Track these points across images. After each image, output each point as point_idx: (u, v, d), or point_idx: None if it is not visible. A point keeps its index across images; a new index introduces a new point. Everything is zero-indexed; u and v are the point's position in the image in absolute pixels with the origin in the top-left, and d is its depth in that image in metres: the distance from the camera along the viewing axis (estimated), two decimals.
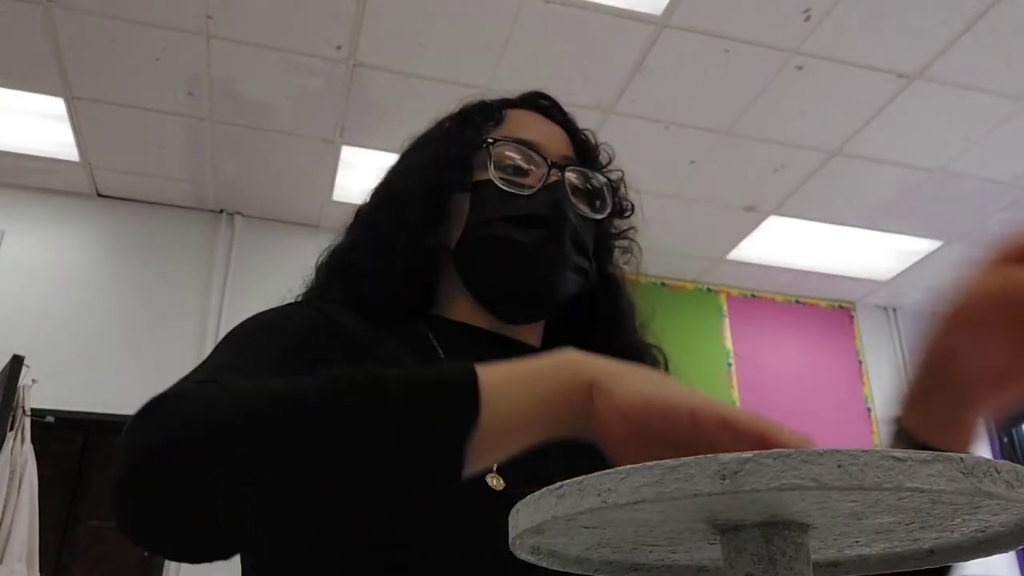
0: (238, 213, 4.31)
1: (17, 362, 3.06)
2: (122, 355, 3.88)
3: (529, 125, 0.86)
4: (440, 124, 0.90)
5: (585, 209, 0.84)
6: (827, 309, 5.00)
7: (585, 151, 0.90)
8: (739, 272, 4.71)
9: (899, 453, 0.29)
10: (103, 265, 4.11)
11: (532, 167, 0.82)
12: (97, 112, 3.58)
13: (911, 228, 4.28)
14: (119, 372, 3.81)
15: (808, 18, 3.03)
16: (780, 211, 4.17)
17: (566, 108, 0.92)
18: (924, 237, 4.35)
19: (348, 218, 0.87)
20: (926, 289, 4.80)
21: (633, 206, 0.94)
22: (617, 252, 0.92)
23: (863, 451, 0.29)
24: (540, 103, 0.91)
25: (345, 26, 3.11)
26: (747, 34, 3.12)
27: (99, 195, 4.20)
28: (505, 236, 0.79)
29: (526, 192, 0.80)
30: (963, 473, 0.29)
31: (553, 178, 0.81)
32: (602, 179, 0.87)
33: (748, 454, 0.29)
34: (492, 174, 0.81)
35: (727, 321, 4.78)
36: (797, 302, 4.96)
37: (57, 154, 3.86)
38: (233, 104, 3.53)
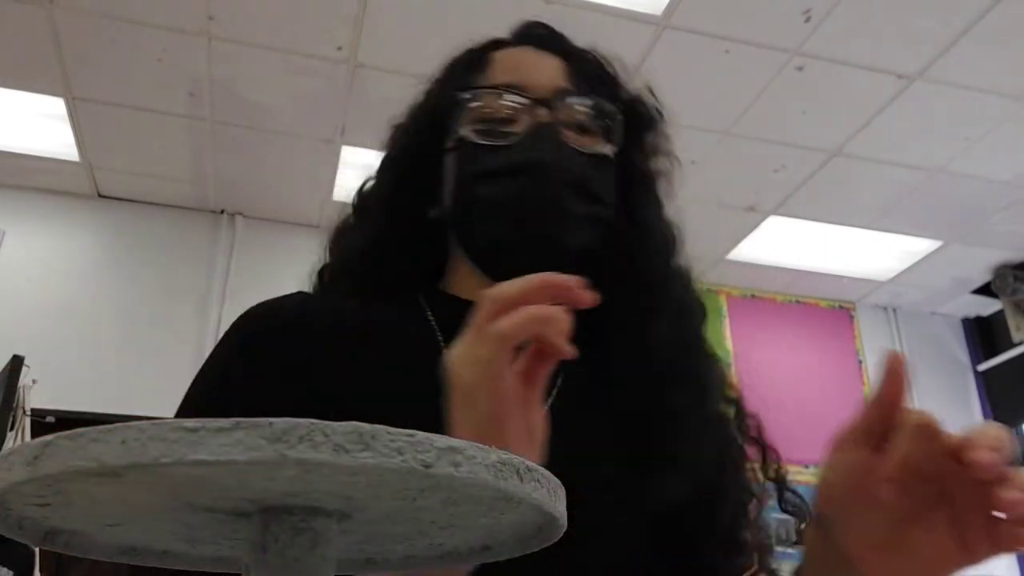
0: (238, 213, 4.31)
1: (17, 362, 3.05)
2: (122, 355, 3.88)
3: (514, 65, 0.77)
4: (428, 84, 0.82)
5: (589, 144, 0.72)
6: (827, 309, 4.99)
7: (590, 76, 0.78)
8: (739, 272, 4.70)
9: (193, 423, 0.25)
10: (103, 265, 4.11)
11: (515, 112, 0.72)
12: (97, 112, 3.58)
13: (911, 228, 4.28)
14: (119, 372, 3.81)
15: (808, 19, 3.03)
16: (780, 211, 4.17)
17: (566, 34, 0.82)
18: (924, 237, 4.35)
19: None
20: (926, 289, 4.81)
21: (661, 114, 0.80)
22: (658, 187, 0.79)
23: (155, 424, 0.25)
24: (533, 34, 0.82)
25: (346, 27, 3.11)
26: (747, 34, 3.12)
27: (99, 195, 4.20)
28: (485, 195, 0.70)
29: (509, 141, 0.71)
30: (267, 440, 0.25)
31: (540, 118, 0.71)
32: (608, 105, 0.75)
33: (49, 437, 0.27)
34: (465, 129, 0.73)
35: (727, 321, 4.78)
36: (797, 302, 4.96)
37: (57, 154, 3.86)
38: (234, 105, 3.52)
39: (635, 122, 0.78)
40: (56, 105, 3.52)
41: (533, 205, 0.69)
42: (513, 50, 0.80)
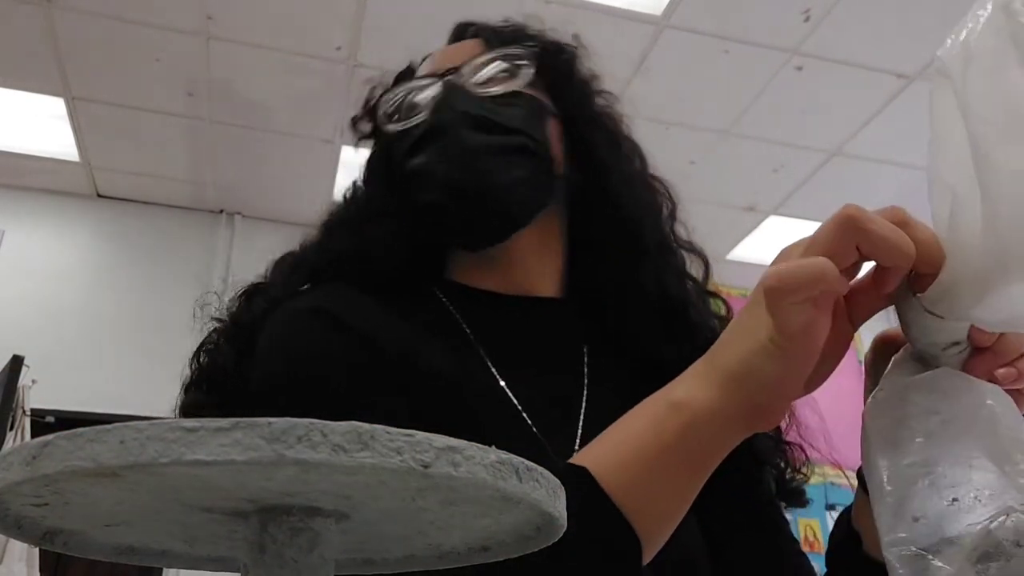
0: (238, 213, 4.31)
1: (17, 362, 3.05)
2: (122, 355, 3.88)
3: (428, 61, 0.79)
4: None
5: (494, 88, 0.73)
6: None
7: (506, 38, 0.79)
8: (739, 272, 4.70)
9: (192, 423, 0.25)
10: (103, 265, 4.11)
11: (422, 95, 0.74)
12: (97, 112, 3.58)
13: None
14: (119, 372, 3.81)
15: (808, 18, 3.03)
16: (780, 211, 4.17)
17: (491, 21, 0.83)
18: None
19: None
20: None
21: (574, 53, 0.81)
22: (607, 124, 0.79)
23: (154, 424, 0.25)
24: (454, 32, 0.84)
25: (345, 27, 3.11)
26: (747, 34, 3.12)
27: (99, 195, 4.20)
28: (411, 174, 0.72)
29: (418, 120, 0.73)
30: (266, 440, 0.25)
31: (443, 81, 0.73)
32: (510, 50, 0.76)
33: (48, 437, 0.26)
34: (380, 123, 0.76)
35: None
36: None
37: (57, 154, 3.86)
38: (233, 105, 3.53)
39: (557, 68, 0.79)
40: (56, 105, 3.52)
41: (444, 159, 0.69)
42: (439, 49, 0.82)
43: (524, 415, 0.66)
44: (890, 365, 0.47)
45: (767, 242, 4.43)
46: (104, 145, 3.81)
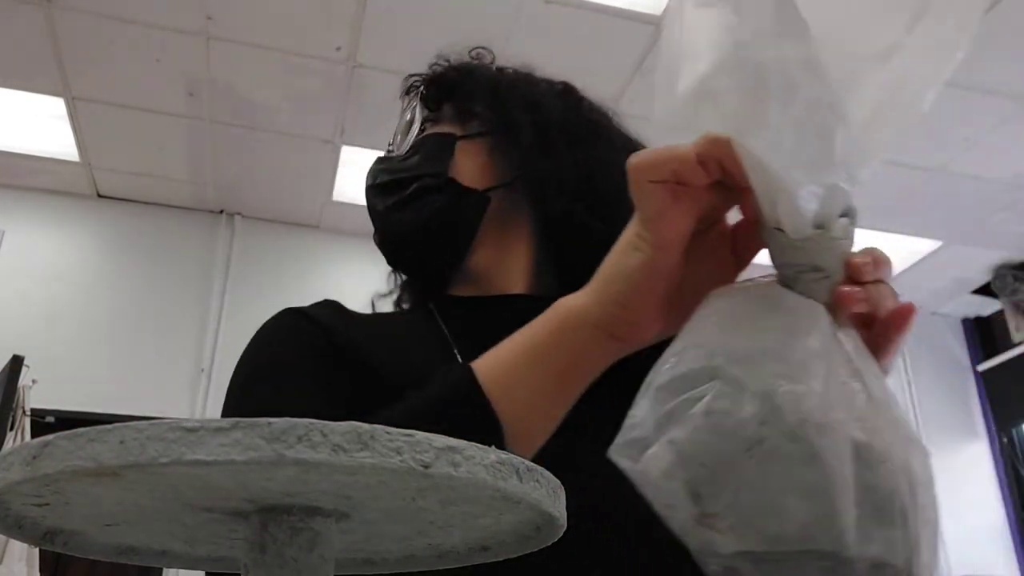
0: (238, 213, 4.31)
1: (17, 362, 3.05)
2: (122, 355, 3.88)
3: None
4: None
5: (404, 146, 0.83)
6: None
7: (442, 87, 0.85)
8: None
9: (192, 423, 0.25)
10: (103, 265, 4.11)
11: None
12: (97, 112, 3.58)
13: (911, 228, 4.28)
14: (119, 372, 3.82)
15: None
16: None
17: (437, 64, 0.87)
18: (924, 237, 4.35)
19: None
20: (926, 289, 4.80)
21: (467, 73, 0.85)
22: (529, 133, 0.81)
23: (154, 424, 0.26)
24: (404, 90, 0.90)
25: (345, 27, 3.11)
26: None
27: (99, 195, 4.20)
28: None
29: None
30: (266, 440, 0.25)
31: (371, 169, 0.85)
32: (426, 99, 0.84)
33: (48, 437, 0.27)
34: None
35: None
36: None
37: (57, 154, 3.86)
38: (233, 105, 3.53)
39: (469, 89, 0.83)
40: (56, 105, 3.52)
41: (377, 228, 0.82)
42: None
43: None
44: None
45: None
46: (104, 145, 3.81)
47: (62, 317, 3.90)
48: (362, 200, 0.88)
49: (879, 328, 0.45)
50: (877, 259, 0.45)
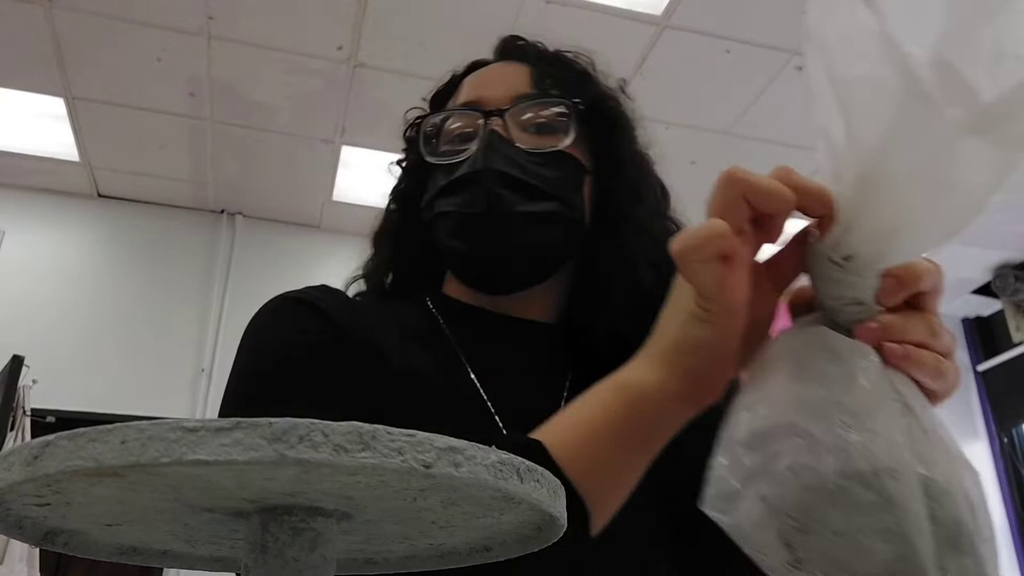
0: (238, 213, 4.32)
1: (17, 362, 3.05)
2: (122, 355, 3.88)
3: (478, 83, 0.79)
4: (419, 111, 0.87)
5: (544, 143, 0.74)
6: None
7: (557, 77, 0.79)
8: None
9: (194, 423, 0.25)
10: (103, 265, 4.11)
11: (468, 128, 0.75)
12: (97, 112, 3.58)
13: None
14: (119, 372, 3.82)
15: None
16: None
17: (546, 40, 0.83)
18: None
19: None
20: None
21: (618, 105, 0.80)
22: (636, 181, 0.79)
23: (155, 424, 0.25)
24: (504, 49, 0.84)
25: (345, 26, 3.11)
26: (747, 34, 3.12)
27: (99, 195, 4.20)
28: (440, 211, 0.74)
29: (463, 157, 0.73)
30: (267, 440, 0.25)
31: (491, 127, 0.73)
32: (561, 102, 0.75)
33: (49, 437, 0.27)
34: (423, 152, 0.77)
35: None
36: None
37: (57, 154, 3.86)
38: (233, 104, 3.53)
39: (602, 117, 0.79)
40: (56, 105, 3.52)
41: (473, 214, 0.71)
42: (482, 69, 0.82)
43: (500, 424, 0.66)
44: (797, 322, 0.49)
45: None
46: (104, 145, 3.81)
47: (62, 317, 3.90)
48: (362, 200, 0.87)
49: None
50: (901, 278, 0.44)
